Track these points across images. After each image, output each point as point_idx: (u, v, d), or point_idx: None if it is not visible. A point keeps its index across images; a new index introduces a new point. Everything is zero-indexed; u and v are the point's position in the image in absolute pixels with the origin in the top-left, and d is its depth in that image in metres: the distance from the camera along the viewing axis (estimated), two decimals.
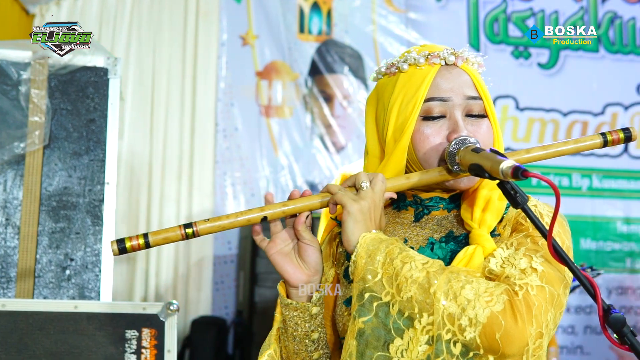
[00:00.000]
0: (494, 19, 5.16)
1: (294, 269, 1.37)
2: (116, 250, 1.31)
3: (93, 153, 2.36)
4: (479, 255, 1.28)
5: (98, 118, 2.37)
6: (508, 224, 1.36)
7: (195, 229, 1.32)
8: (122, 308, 2.16)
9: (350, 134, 4.81)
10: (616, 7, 5.39)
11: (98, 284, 2.30)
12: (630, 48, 5.37)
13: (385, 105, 1.43)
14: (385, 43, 4.93)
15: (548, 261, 1.26)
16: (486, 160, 1.21)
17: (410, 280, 1.22)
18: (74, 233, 2.32)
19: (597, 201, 5.18)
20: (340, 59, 4.83)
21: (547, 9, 5.25)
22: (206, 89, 4.61)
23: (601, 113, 5.25)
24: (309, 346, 1.41)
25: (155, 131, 4.51)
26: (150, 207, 4.45)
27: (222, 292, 4.52)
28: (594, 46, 5.30)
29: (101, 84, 2.39)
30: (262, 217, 1.32)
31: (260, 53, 4.75)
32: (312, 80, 4.78)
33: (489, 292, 1.20)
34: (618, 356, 5.04)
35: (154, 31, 4.61)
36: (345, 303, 1.40)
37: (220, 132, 4.62)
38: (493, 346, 1.18)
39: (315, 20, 4.86)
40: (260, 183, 4.62)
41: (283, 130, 4.72)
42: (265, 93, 4.72)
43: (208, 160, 4.57)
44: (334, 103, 4.79)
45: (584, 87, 5.22)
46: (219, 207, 4.54)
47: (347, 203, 1.29)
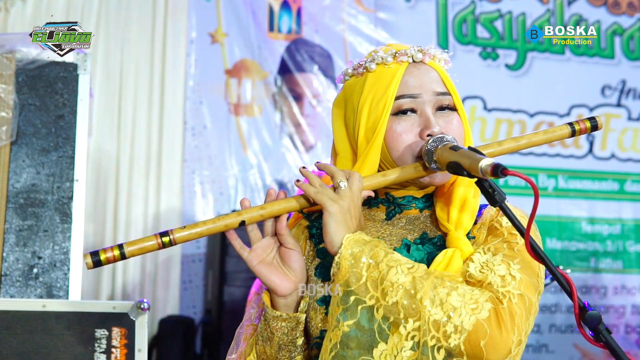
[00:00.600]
0: (462, 19, 5.19)
1: (281, 278, 1.34)
2: (90, 264, 1.26)
3: (62, 150, 2.33)
4: (458, 258, 1.28)
5: (67, 114, 2.34)
6: (483, 227, 1.36)
7: (172, 237, 1.28)
8: (92, 307, 2.13)
9: (319, 133, 4.80)
10: (581, 9, 5.47)
11: (67, 283, 2.26)
12: (595, 50, 5.45)
13: (354, 106, 1.41)
14: (355, 42, 4.94)
15: (524, 268, 1.27)
16: (465, 158, 1.21)
17: (396, 284, 1.21)
18: (42, 231, 2.28)
19: (563, 201, 5.25)
20: (310, 58, 4.82)
21: (515, 10, 5.30)
22: (175, 87, 4.57)
23: (567, 114, 5.32)
24: (292, 351, 1.39)
25: (123, 129, 4.46)
26: (118, 206, 4.40)
27: (190, 292, 4.49)
28: (560, 48, 5.36)
29: (70, 79, 2.35)
30: (240, 221, 1.30)
31: (230, 51, 4.72)
32: (281, 79, 4.77)
33: (474, 299, 1.20)
34: (582, 354, 5.11)
35: (122, 28, 4.56)
36: (319, 302, 1.37)
37: (189, 130, 4.59)
38: (477, 353, 1.18)
39: (285, 19, 4.85)
40: (229, 182, 4.60)
41: (252, 129, 4.70)
42: (234, 91, 4.70)
43: (176, 159, 4.54)
44: (303, 102, 4.78)
45: (551, 88, 5.28)
46: (187, 206, 4.51)
47: (326, 203, 1.28)
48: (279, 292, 1.34)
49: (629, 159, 5.43)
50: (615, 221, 5.34)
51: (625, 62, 5.50)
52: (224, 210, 4.54)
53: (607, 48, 5.47)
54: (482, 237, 1.35)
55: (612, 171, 5.39)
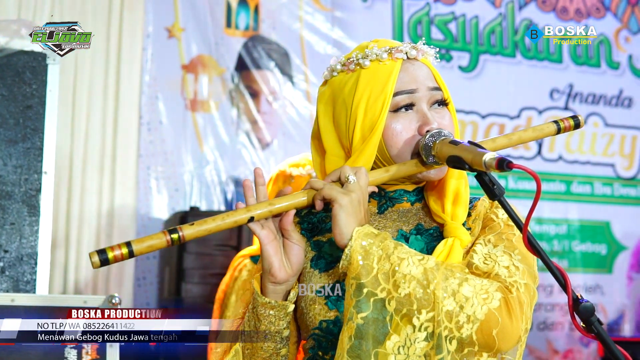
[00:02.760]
0: (417, 21, 5.26)
1: (280, 265, 1.35)
2: (97, 262, 1.23)
3: (30, 141, 2.28)
4: (458, 247, 1.31)
5: (36, 105, 2.30)
6: (478, 218, 1.39)
7: (181, 234, 1.26)
8: (62, 301, 2.10)
9: (276, 130, 4.80)
10: (532, 14, 5.59)
11: (34, 277, 2.22)
12: (545, 55, 5.58)
13: (347, 103, 1.41)
14: (312, 41, 4.95)
15: (524, 259, 1.31)
16: (466, 152, 1.24)
17: (408, 276, 1.22)
18: (9, 224, 2.23)
19: (512, 202, 5.31)
20: (267, 55, 4.81)
21: (468, 13, 5.39)
22: (130, 82, 4.50)
23: (517, 116, 5.43)
24: (278, 343, 1.40)
25: (77, 123, 4.38)
26: (71, 200, 4.32)
27: (144, 289, 4.43)
28: (511, 51, 5.48)
29: (39, 69, 2.31)
30: (249, 217, 1.30)
31: (187, 46, 4.68)
32: (238, 75, 4.75)
33: (485, 289, 1.23)
34: (529, 351, 5.22)
35: (76, 20, 4.46)
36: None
37: (145, 125, 4.53)
38: (489, 342, 1.21)
39: (242, 15, 4.83)
40: (185, 178, 4.56)
41: (208, 125, 4.66)
42: (191, 87, 4.66)
43: (131, 154, 4.47)
44: (260, 99, 4.77)
45: (502, 90, 5.39)
46: (141, 202, 4.45)
47: (337, 196, 1.29)
48: (277, 276, 1.35)
49: (575, 161, 5.58)
50: (562, 221, 5.48)
51: (573, 67, 5.64)
52: (178, 206, 4.50)
53: (555, 53, 5.60)
54: (477, 228, 1.38)
55: (559, 173, 5.53)
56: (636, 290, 5.67)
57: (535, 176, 1.13)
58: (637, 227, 5.73)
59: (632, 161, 5.77)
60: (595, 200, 5.61)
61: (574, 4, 5.73)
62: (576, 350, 5.40)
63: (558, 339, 5.37)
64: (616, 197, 5.68)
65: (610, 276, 5.57)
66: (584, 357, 5.39)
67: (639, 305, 5.63)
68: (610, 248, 5.62)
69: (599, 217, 5.60)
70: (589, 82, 5.66)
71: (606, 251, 5.61)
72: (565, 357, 5.36)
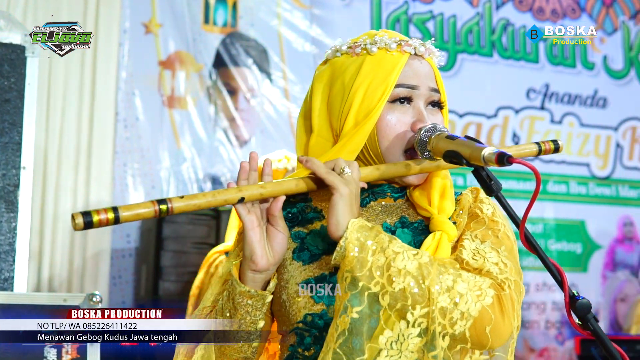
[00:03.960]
0: (395, 19, 5.26)
1: (262, 253, 1.31)
2: (81, 224, 1.15)
3: (8, 135, 2.23)
4: (446, 242, 1.29)
5: (14, 99, 2.24)
6: (463, 212, 1.38)
7: (170, 206, 1.21)
8: (41, 299, 2.06)
9: (254, 128, 4.77)
10: (509, 14, 5.61)
11: (12, 275, 2.17)
12: (521, 54, 5.60)
13: (345, 86, 1.39)
14: (290, 38, 4.92)
15: (510, 255, 1.30)
16: (464, 147, 1.22)
17: (403, 271, 1.20)
18: None
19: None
20: (245, 52, 4.78)
21: (446, 12, 5.40)
22: (107, 77, 4.44)
23: (494, 116, 5.45)
24: (252, 334, 1.35)
25: (52, 118, 4.31)
26: (45, 197, 4.25)
27: (119, 287, 4.38)
28: (488, 51, 5.50)
29: (18, 62, 2.25)
30: (240, 198, 1.27)
31: (164, 42, 4.63)
32: (216, 72, 4.71)
33: (478, 286, 1.22)
34: None
35: (51, 14, 4.40)
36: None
37: (121, 121, 4.47)
38: (481, 339, 1.20)
39: (220, 12, 4.79)
40: (161, 174, 4.51)
41: (186, 122, 4.62)
42: (168, 83, 4.61)
43: (107, 151, 4.42)
44: (238, 96, 4.73)
45: (479, 90, 5.41)
46: (117, 199, 4.39)
47: (339, 185, 1.26)
48: (259, 263, 1.30)
49: (551, 161, 5.61)
50: (538, 220, 5.51)
51: (549, 67, 5.68)
52: None
53: (532, 52, 5.63)
54: (463, 222, 1.36)
55: None
56: (610, 289, 5.72)
57: (536, 172, 1.12)
58: (611, 226, 5.78)
59: (606, 161, 5.82)
60: (570, 200, 5.65)
61: (550, 4, 5.76)
62: (552, 348, 5.43)
63: (534, 337, 5.40)
64: (591, 196, 5.73)
65: (585, 275, 5.61)
66: (560, 355, 5.43)
67: (613, 304, 5.68)
68: (585, 247, 5.66)
69: (574, 216, 5.65)
70: (565, 82, 5.70)
71: (581, 250, 5.65)
72: (541, 355, 5.40)
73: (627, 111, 5.88)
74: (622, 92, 5.86)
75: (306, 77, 4.86)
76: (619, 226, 5.81)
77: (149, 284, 3.94)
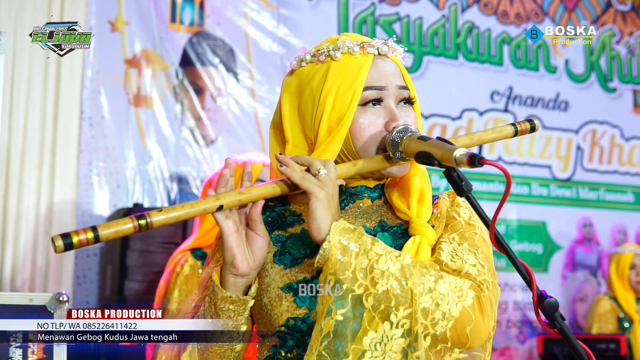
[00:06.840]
0: (362, 21, 5.28)
1: (243, 257, 1.32)
2: (61, 247, 1.17)
3: None
4: (426, 245, 1.32)
5: None
6: (441, 216, 1.40)
7: (149, 220, 1.22)
8: (6, 299, 2.03)
9: (220, 127, 4.76)
10: (474, 17, 5.68)
11: None
12: (486, 57, 5.67)
13: (314, 94, 1.40)
14: (257, 38, 4.92)
15: (486, 258, 1.33)
16: (436, 148, 1.24)
17: (386, 273, 1.22)
18: None
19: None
20: (212, 52, 4.77)
21: (413, 14, 5.44)
22: (72, 75, 4.39)
23: (459, 117, 5.51)
24: (234, 338, 1.37)
25: (15, 116, 4.25)
26: (8, 196, 4.19)
27: (83, 287, 4.34)
28: (453, 53, 5.55)
29: None
30: (218, 206, 1.27)
31: (130, 40, 4.59)
32: (183, 71, 4.69)
33: (459, 287, 1.25)
34: None
35: (15, 11, 4.34)
36: (284, 289, 1.36)
37: (86, 120, 4.42)
38: (462, 340, 1.23)
39: (187, 11, 4.77)
40: (127, 173, 4.48)
41: (151, 121, 4.59)
42: (134, 82, 4.57)
43: (72, 149, 4.37)
44: (204, 96, 4.72)
45: (444, 91, 5.46)
46: (82, 198, 4.35)
47: (313, 189, 1.27)
48: (240, 268, 1.31)
49: (513, 162, 5.69)
50: (501, 221, 5.58)
51: (513, 70, 5.75)
52: (121, 202, 4.41)
53: (496, 55, 5.70)
54: (441, 226, 1.38)
55: (499, 173, 5.62)
56: (570, 289, 5.82)
57: (506, 172, 1.14)
58: (571, 227, 5.88)
59: (567, 163, 5.92)
60: (532, 201, 5.73)
61: (514, 8, 5.84)
62: (513, 347, 5.51)
63: (495, 336, 5.42)
64: (552, 197, 5.82)
65: (546, 275, 5.70)
66: (520, 354, 5.50)
67: (572, 303, 5.78)
68: (545, 247, 5.75)
69: (535, 217, 5.73)
70: (528, 85, 5.78)
71: (542, 251, 5.74)
72: (502, 355, 5.47)
73: (587, 114, 5.98)
74: (583, 96, 5.96)
75: (273, 77, 4.87)
76: (579, 227, 5.90)
77: (114, 284, 3.91)
